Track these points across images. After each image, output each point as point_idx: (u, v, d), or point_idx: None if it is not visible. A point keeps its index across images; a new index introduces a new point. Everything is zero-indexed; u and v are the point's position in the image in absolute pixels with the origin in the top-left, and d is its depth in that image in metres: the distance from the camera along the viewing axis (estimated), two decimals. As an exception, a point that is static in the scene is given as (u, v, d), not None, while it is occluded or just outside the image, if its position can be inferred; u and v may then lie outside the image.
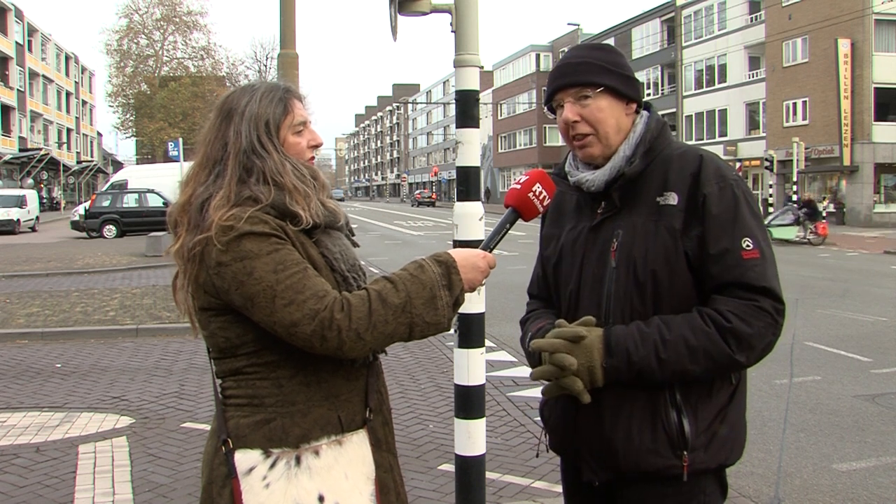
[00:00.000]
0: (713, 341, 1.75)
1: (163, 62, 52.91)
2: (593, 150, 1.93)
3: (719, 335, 1.75)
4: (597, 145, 1.92)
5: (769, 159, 26.99)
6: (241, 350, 1.71)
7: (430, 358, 8.09)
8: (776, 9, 38.28)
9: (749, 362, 1.79)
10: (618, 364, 1.78)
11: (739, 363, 1.77)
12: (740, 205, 1.81)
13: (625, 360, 1.77)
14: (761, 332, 1.76)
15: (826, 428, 5.75)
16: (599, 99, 1.89)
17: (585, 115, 1.90)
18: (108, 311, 10.71)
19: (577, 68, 1.92)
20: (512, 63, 67.87)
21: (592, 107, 1.89)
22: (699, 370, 1.77)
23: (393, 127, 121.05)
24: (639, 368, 1.77)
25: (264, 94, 1.79)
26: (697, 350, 1.75)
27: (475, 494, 3.42)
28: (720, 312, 1.76)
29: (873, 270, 16.49)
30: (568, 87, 1.92)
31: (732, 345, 1.75)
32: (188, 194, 1.75)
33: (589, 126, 1.91)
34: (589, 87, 1.89)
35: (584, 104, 1.90)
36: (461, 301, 1.71)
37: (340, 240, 1.82)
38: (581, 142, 1.93)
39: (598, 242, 1.93)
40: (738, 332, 1.74)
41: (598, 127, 1.90)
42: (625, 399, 1.84)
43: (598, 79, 1.89)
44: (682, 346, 1.75)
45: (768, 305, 1.76)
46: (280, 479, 1.65)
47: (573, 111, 1.91)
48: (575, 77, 1.91)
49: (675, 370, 1.77)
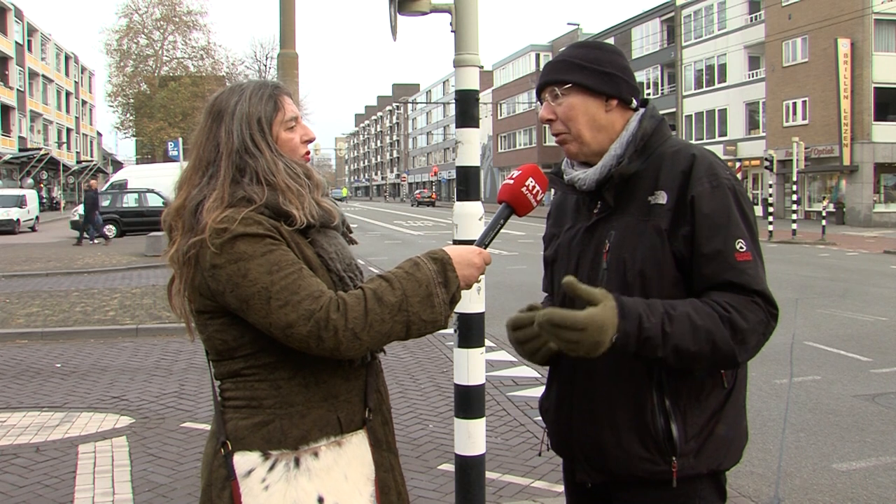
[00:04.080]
0: (716, 323, 1.71)
1: (163, 62, 52.89)
2: (570, 147, 1.93)
3: (720, 319, 1.72)
4: (572, 143, 1.92)
5: (769, 159, 26.89)
6: (239, 352, 1.70)
7: (430, 358, 8.09)
8: (776, 9, 38.28)
9: (740, 357, 1.74)
10: (629, 329, 1.68)
11: (734, 356, 1.73)
12: (733, 204, 1.78)
13: (636, 325, 1.68)
14: (755, 327, 1.72)
15: (826, 428, 5.75)
16: (569, 96, 1.89)
17: (559, 114, 1.91)
18: (108, 311, 10.71)
19: (555, 67, 1.93)
20: (512, 63, 67.87)
21: (564, 105, 1.90)
22: (698, 353, 1.70)
23: (393, 127, 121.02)
24: (647, 335, 1.69)
25: (253, 93, 1.78)
26: (701, 329, 1.70)
27: (475, 494, 3.42)
28: (718, 303, 1.73)
29: (873, 270, 16.47)
30: (546, 86, 1.94)
31: (729, 334, 1.72)
32: (182, 198, 1.74)
33: (562, 124, 1.91)
34: (558, 84, 1.90)
35: (558, 102, 1.91)
36: (458, 298, 1.70)
37: (336, 239, 1.80)
38: (559, 139, 1.95)
39: (592, 243, 1.91)
40: (735, 322, 1.71)
41: (570, 125, 1.90)
42: (615, 404, 1.82)
43: (567, 76, 1.89)
44: (686, 323, 1.70)
45: (762, 304, 1.75)
46: (279, 480, 1.64)
47: (548, 110, 1.93)
48: (550, 76, 1.93)
49: (677, 346, 1.69)
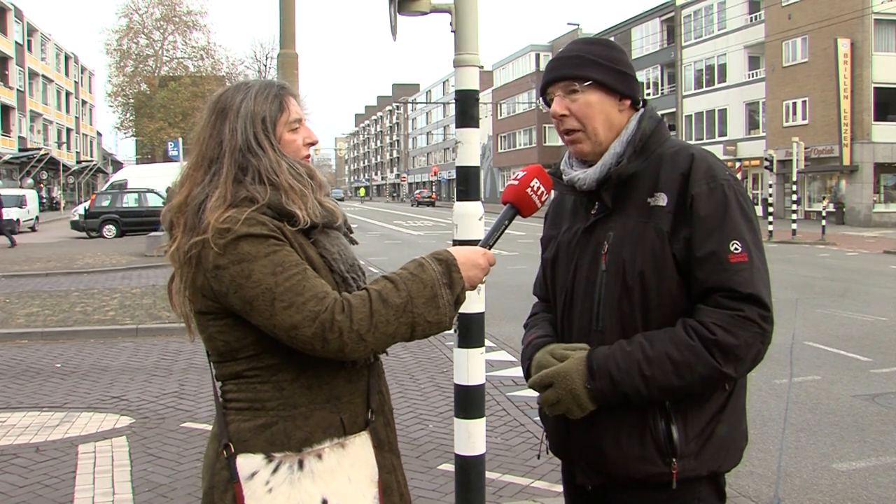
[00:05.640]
0: (698, 355, 1.69)
1: (162, 62, 52.83)
2: (583, 146, 1.89)
3: (704, 348, 1.69)
4: (586, 142, 1.88)
5: (769, 159, 26.87)
6: (241, 353, 1.68)
7: (430, 358, 8.09)
8: (776, 9, 38.27)
9: (738, 374, 1.73)
10: (602, 387, 1.74)
11: (728, 375, 1.71)
12: (731, 206, 1.75)
13: (608, 382, 1.73)
14: (748, 342, 1.69)
15: (826, 428, 5.75)
16: (588, 93, 1.84)
17: (574, 110, 1.86)
18: (108, 311, 10.70)
19: (568, 62, 1.88)
20: (512, 63, 67.84)
21: (581, 101, 1.85)
22: (686, 386, 1.71)
23: (393, 127, 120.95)
24: (624, 391, 1.72)
25: (259, 92, 1.76)
26: (682, 365, 1.69)
27: (475, 494, 3.42)
28: (704, 325, 1.70)
29: (873, 270, 16.47)
30: (558, 81, 1.88)
31: (718, 357, 1.68)
32: (184, 195, 1.72)
33: (577, 121, 1.87)
34: (577, 80, 1.85)
35: (573, 98, 1.86)
36: (462, 299, 1.69)
37: (339, 239, 1.79)
38: (571, 137, 1.90)
39: (590, 245, 1.89)
40: (723, 344, 1.68)
41: (586, 122, 1.86)
42: (615, 408, 1.80)
43: (587, 72, 1.84)
44: (666, 363, 1.70)
45: (754, 314, 1.69)
46: (283, 483, 1.63)
47: (562, 105, 1.87)
48: (564, 70, 1.87)
49: (661, 386, 1.71)
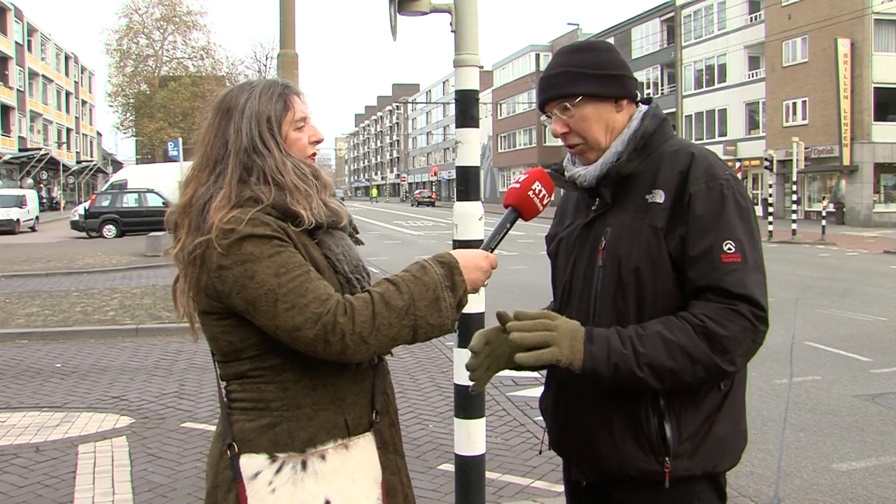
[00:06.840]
0: (689, 337, 1.69)
1: (162, 62, 52.89)
2: (589, 155, 1.92)
3: (695, 333, 1.69)
4: (590, 151, 1.90)
5: (769, 159, 26.87)
6: (245, 354, 1.68)
7: (430, 358, 8.09)
8: (776, 9, 38.27)
9: (728, 367, 1.71)
10: (597, 351, 1.71)
11: (720, 367, 1.70)
12: (728, 205, 1.75)
13: (604, 346, 1.71)
14: (737, 335, 1.68)
15: (826, 428, 5.75)
16: (581, 108, 1.86)
17: (572, 126, 1.88)
18: (108, 311, 10.71)
19: (556, 80, 1.89)
20: (511, 63, 67.84)
21: (577, 117, 1.87)
22: (679, 370, 1.70)
23: (393, 127, 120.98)
24: (616, 360, 1.70)
25: (263, 91, 1.76)
26: (673, 345, 1.69)
27: (475, 494, 3.42)
28: (695, 315, 1.71)
29: (873, 270, 16.47)
30: (550, 101, 1.90)
31: (707, 345, 1.68)
32: (189, 195, 1.72)
33: (577, 136, 1.89)
34: (567, 98, 1.87)
35: (569, 115, 1.88)
36: (465, 302, 1.69)
37: (343, 240, 1.79)
38: (575, 150, 1.93)
39: (589, 240, 1.91)
40: (710, 332, 1.68)
41: (587, 135, 1.88)
42: (609, 403, 1.82)
43: (575, 89, 1.85)
44: (657, 341, 1.70)
45: (745, 310, 1.69)
46: (286, 483, 1.63)
47: (560, 124, 1.90)
48: (553, 92, 1.89)
49: (653, 366, 1.69)
